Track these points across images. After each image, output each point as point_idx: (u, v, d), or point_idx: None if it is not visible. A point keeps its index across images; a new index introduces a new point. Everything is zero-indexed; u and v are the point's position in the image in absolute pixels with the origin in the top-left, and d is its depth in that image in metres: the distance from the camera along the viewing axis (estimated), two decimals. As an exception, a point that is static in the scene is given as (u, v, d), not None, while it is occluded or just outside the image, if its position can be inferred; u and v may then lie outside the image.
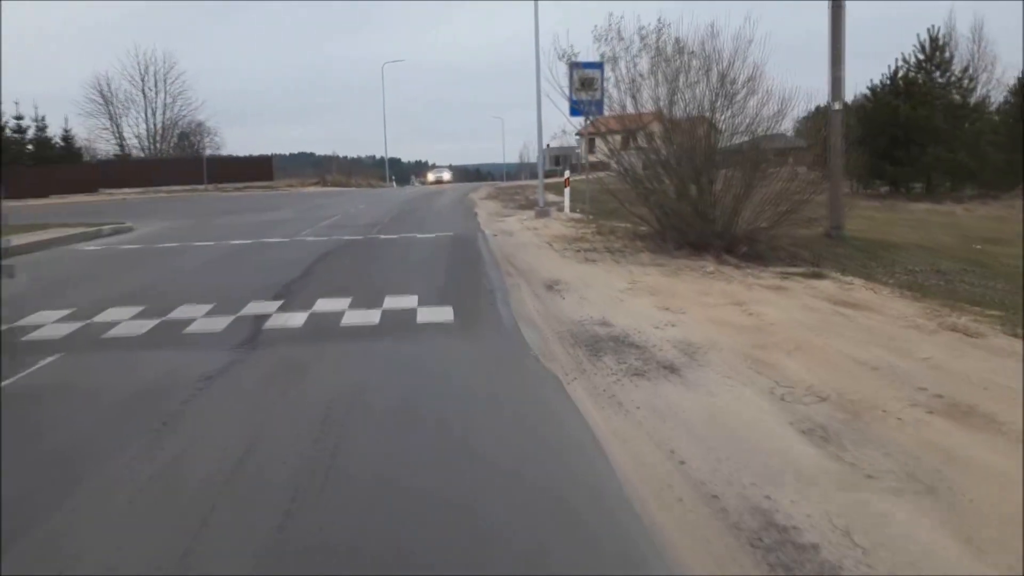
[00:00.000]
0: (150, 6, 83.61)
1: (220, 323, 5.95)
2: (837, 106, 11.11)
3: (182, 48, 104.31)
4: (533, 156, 67.29)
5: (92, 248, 12.43)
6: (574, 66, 14.15)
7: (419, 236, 12.74)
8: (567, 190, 18.14)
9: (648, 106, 10.43)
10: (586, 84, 13.96)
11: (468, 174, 72.54)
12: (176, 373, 4.63)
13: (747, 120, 9.58)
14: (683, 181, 9.74)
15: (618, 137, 11.92)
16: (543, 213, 17.13)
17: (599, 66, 13.89)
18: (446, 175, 56.28)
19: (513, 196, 26.23)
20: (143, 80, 49.21)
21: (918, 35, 25.01)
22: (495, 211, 19.84)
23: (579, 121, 15.00)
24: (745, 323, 5.61)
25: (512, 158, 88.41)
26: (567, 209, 17.75)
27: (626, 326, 5.64)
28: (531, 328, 5.75)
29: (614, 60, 10.64)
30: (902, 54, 25.10)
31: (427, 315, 6.16)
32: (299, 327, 5.82)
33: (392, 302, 6.67)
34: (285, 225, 15.76)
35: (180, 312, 6.39)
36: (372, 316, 6.13)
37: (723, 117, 9.75)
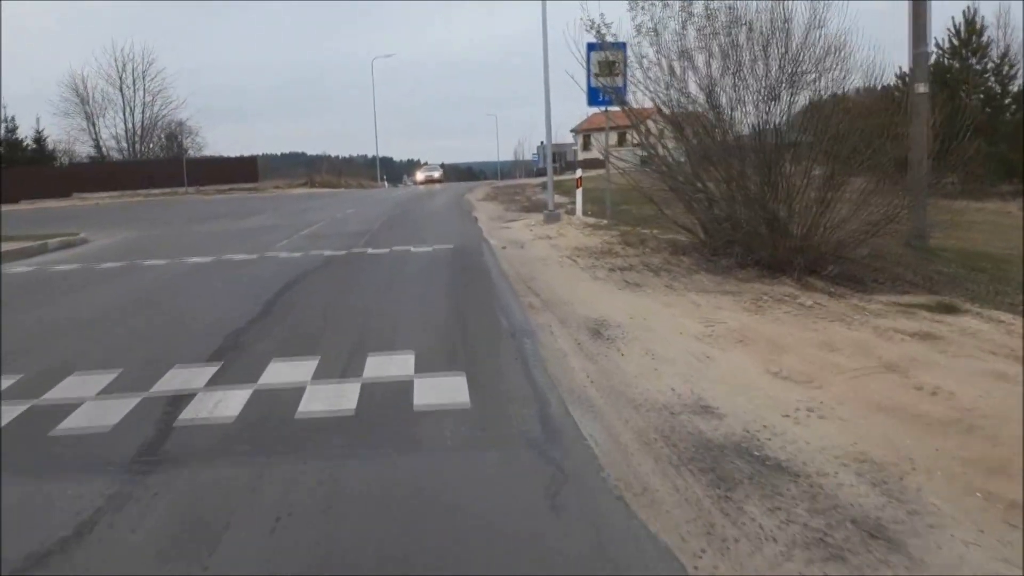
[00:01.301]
0: (142, 4, 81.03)
1: (115, 412, 3.90)
2: (922, 88, 9.10)
3: (176, 45, 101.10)
4: (528, 154, 65.32)
5: (21, 270, 10.32)
6: (592, 47, 12.13)
7: (413, 250, 10.69)
8: (579, 191, 16.10)
9: (695, 86, 8.41)
10: (606, 67, 11.90)
11: (460, 172, 70.17)
12: (-17, 549, 2.59)
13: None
14: (745, 179, 7.73)
15: (652, 126, 9.88)
16: (553, 218, 15.11)
17: (622, 46, 11.85)
18: (437, 173, 53.11)
19: (513, 197, 24.16)
20: (120, 78, 47.10)
21: (952, 18, 23.14)
22: (497, 215, 17.81)
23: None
24: (928, 410, 3.59)
25: (506, 156, 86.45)
26: (579, 212, 15.73)
27: (742, 415, 3.62)
28: (590, 415, 3.73)
29: (655, 32, 8.62)
30: (935, 38, 23.19)
31: (429, 391, 4.12)
32: (232, 420, 3.77)
33: (377, 365, 4.63)
34: (260, 235, 13.69)
35: (65, 388, 4.34)
36: (346, 395, 4.09)
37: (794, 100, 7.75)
